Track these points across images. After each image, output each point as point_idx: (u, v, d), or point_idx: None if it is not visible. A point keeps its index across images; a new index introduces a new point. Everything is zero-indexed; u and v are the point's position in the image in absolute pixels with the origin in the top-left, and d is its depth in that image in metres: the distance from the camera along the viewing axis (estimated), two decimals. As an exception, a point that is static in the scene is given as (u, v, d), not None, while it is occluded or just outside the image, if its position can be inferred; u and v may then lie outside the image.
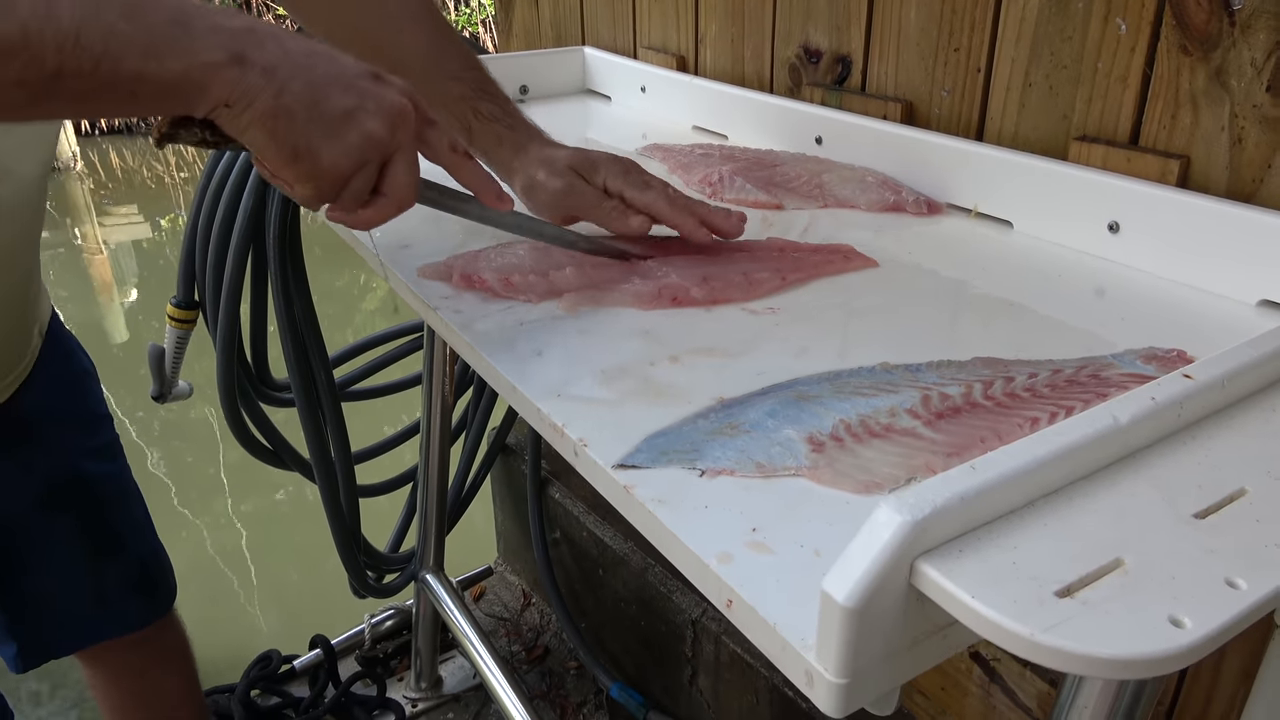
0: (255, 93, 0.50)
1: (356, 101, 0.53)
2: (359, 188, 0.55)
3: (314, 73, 0.52)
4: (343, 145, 0.53)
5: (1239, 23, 0.64)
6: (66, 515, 0.94)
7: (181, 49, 0.48)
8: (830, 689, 0.34)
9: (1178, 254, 0.67)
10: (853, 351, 0.58)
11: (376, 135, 0.54)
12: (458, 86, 0.77)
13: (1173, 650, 0.29)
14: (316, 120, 0.52)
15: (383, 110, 0.54)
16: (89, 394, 0.98)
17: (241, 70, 0.49)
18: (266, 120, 0.50)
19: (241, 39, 0.50)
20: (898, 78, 0.91)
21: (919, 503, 0.32)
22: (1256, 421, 0.42)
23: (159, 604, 1.07)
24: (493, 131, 0.77)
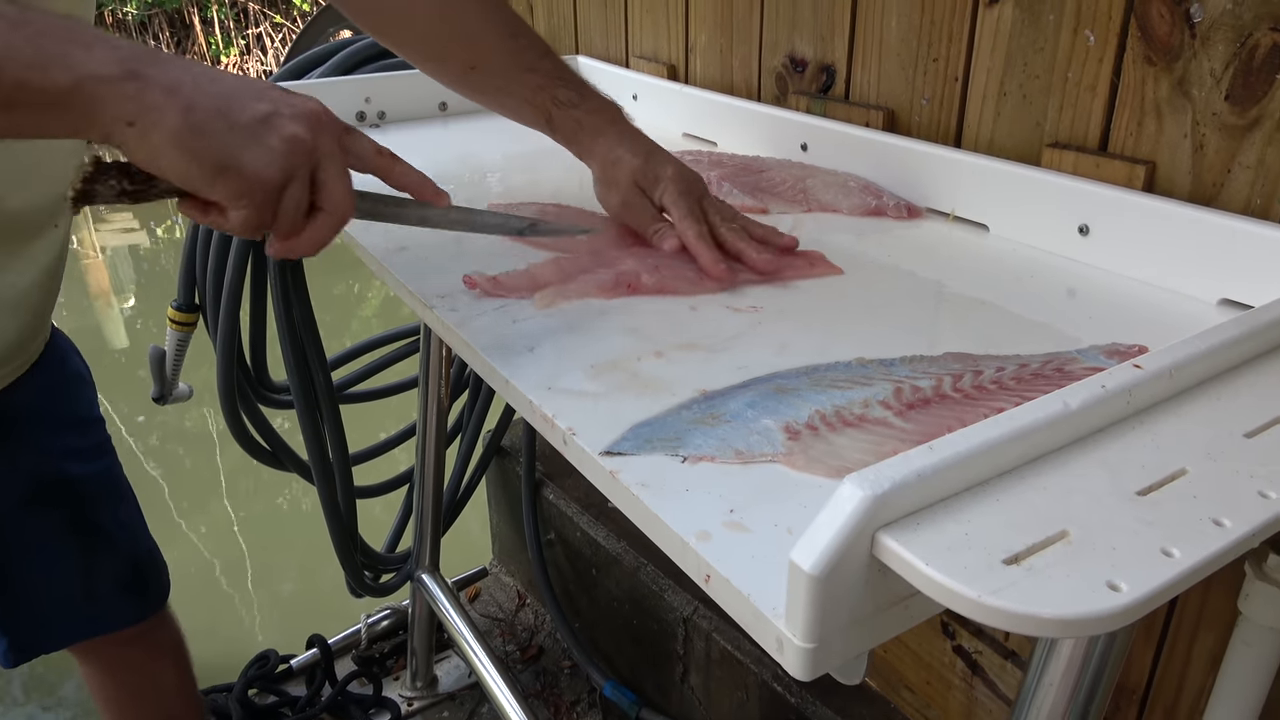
0: (161, 110, 0.48)
1: (270, 107, 0.52)
2: (294, 202, 0.53)
3: (220, 87, 0.51)
4: (265, 152, 0.51)
5: (1199, 35, 0.67)
6: (54, 513, 0.95)
7: (71, 61, 0.47)
8: (798, 653, 0.36)
9: (1144, 255, 0.70)
10: (831, 347, 0.61)
11: (298, 137, 0.52)
12: (534, 77, 0.78)
13: (1108, 611, 0.32)
14: (233, 130, 0.50)
15: (299, 114, 0.53)
16: (80, 398, 0.99)
17: (139, 86, 0.48)
18: (181, 138, 0.49)
19: (139, 58, 0.49)
20: (879, 86, 0.94)
21: (879, 479, 0.35)
22: (1202, 409, 0.44)
23: (151, 602, 1.08)
24: (572, 118, 0.79)
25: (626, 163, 0.76)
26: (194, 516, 2.54)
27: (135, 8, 8.14)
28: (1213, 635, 0.78)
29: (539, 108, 0.79)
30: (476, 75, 0.80)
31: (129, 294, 4.37)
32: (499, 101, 0.82)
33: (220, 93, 0.50)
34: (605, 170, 0.77)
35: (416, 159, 1.07)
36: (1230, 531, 0.36)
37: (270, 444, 1.49)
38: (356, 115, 1.17)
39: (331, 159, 0.54)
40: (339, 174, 0.55)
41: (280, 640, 1.66)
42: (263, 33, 7.69)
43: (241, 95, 0.51)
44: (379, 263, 0.76)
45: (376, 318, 3.98)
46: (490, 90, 0.81)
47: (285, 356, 1.36)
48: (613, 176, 0.77)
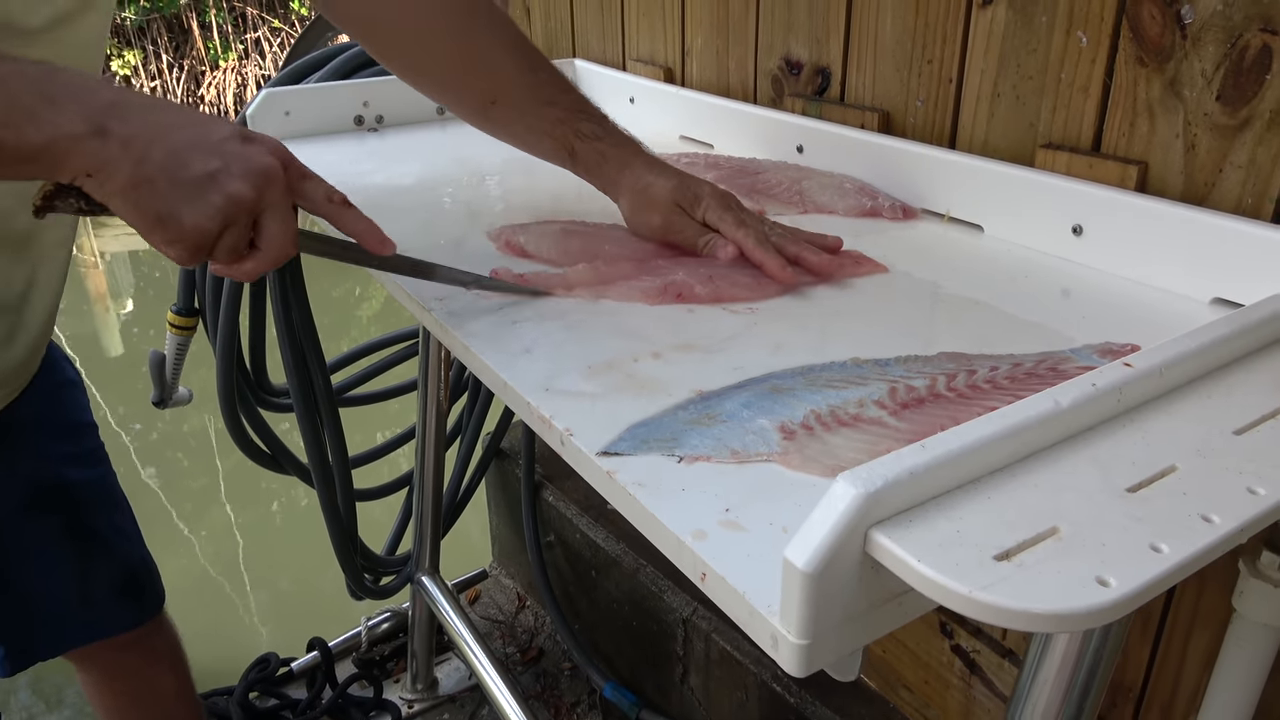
0: (115, 164, 0.52)
1: (219, 164, 0.55)
2: (230, 245, 0.56)
3: (176, 140, 0.54)
4: (205, 208, 0.54)
5: (1190, 36, 0.68)
6: (50, 519, 0.96)
7: (43, 120, 0.50)
8: (793, 650, 0.37)
9: (1137, 255, 0.70)
10: (826, 347, 0.61)
11: (239, 196, 0.55)
12: (555, 111, 0.79)
13: (1098, 606, 0.33)
14: (178, 187, 0.53)
15: (248, 171, 0.55)
16: (73, 403, 1.00)
17: (102, 142, 0.51)
18: (128, 191, 0.52)
19: (105, 112, 0.52)
20: (875, 88, 0.95)
21: (872, 477, 0.36)
22: (1193, 406, 0.45)
23: (146, 608, 1.08)
24: (596, 150, 0.79)
25: (660, 186, 0.76)
26: (194, 520, 2.54)
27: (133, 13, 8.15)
28: (1208, 633, 0.79)
29: (560, 141, 0.79)
30: (497, 109, 0.80)
31: (128, 299, 4.37)
32: (519, 135, 0.82)
33: (174, 148, 0.53)
34: (637, 198, 0.77)
35: (415, 163, 1.08)
36: (1219, 527, 0.36)
37: (270, 447, 1.50)
38: (355, 119, 1.17)
39: (274, 209, 0.57)
40: (279, 220, 0.57)
41: (281, 643, 1.67)
42: (261, 37, 7.70)
43: (194, 150, 0.54)
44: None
45: (376, 320, 3.98)
46: (510, 124, 0.81)
47: (285, 360, 1.37)
48: (648, 200, 0.76)
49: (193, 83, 8.83)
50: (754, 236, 0.72)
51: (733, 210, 0.75)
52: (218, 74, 8.85)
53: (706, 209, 0.75)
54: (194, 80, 8.83)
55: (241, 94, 8.96)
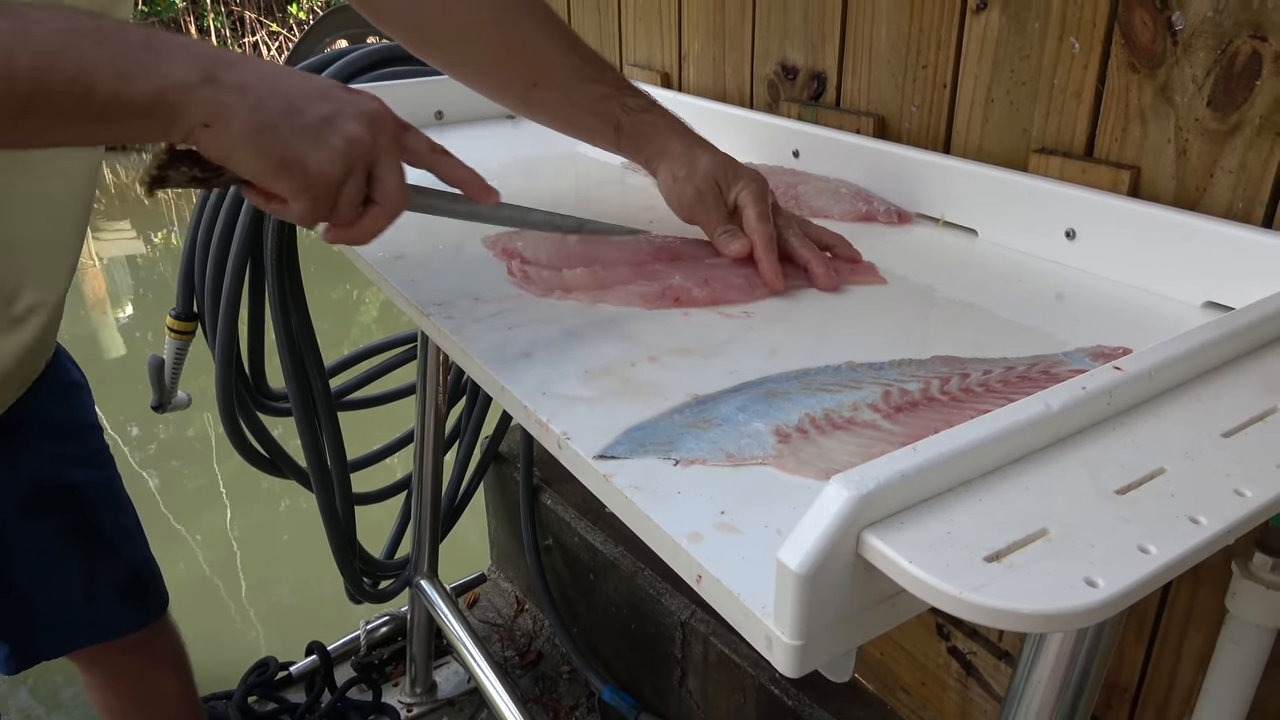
0: (233, 110, 0.51)
1: (334, 108, 0.55)
2: (351, 196, 0.56)
3: (287, 87, 0.54)
4: (328, 149, 0.54)
5: (1181, 42, 0.68)
6: (55, 518, 0.97)
7: (153, 71, 0.50)
8: (787, 650, 0.37)
9: (1129, 259, 0.71)
10: (821, 351, 0.62)
11: (359, 137, 0.55)
12: (599, 88, 0.79)
13: (1085, 606, 0.33)
14: (298, 129, 0.53)
15: (360, 113, 0.55)
16: (78, 405, 1.00)
17: (215, 89, 0.51)
18: (250, 136, 0.52)
19: (213, 62, 0.52)
20: (870, 93, 0.95)
21: (864, 479, 0.36)
22: (1182, 409, 0.45)
23: (150, 610, 1.09)
24: (643, 122, 0.79)
25: (705, 160, 0.76)
26: (193, 524, 2.54)
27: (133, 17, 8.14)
28: (1202, 634, 0.79)
29: (605, 117, 0.79)
30: (539, 92, 0.80)
31: (126, 303, 4.37)
32: (562, 115, 0.82)
33: (287, 92, 0.53)
34: (681, 166, 0.77)
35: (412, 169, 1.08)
36: (1206, 529, 0.37)
37: (269, 451, 1.50)
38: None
39: (388, 156, 0.57)
40: (394, 170, 0.58)
41: (280, 647, 1.67)
42: (259, 41, 7.71)
43: (306, 95, 0.54)
44: (376, 271, 0.77)
45: (375, 324, 3.99)
46: (554, 105, 0.81)
47: (283, 364, 1.37)
48: (690, 171, 0.76)
49: (191, 87, 8.83)
50: (766, 236, 0.72)
51: (763, 202, 0.74)
52: (216, 78, 8.85)
53: (742, 190, 0.74)
54: (192, 84, 8.83)
55: (240, 98, 8.95)
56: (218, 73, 0.51)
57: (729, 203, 0.75)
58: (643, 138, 0.79)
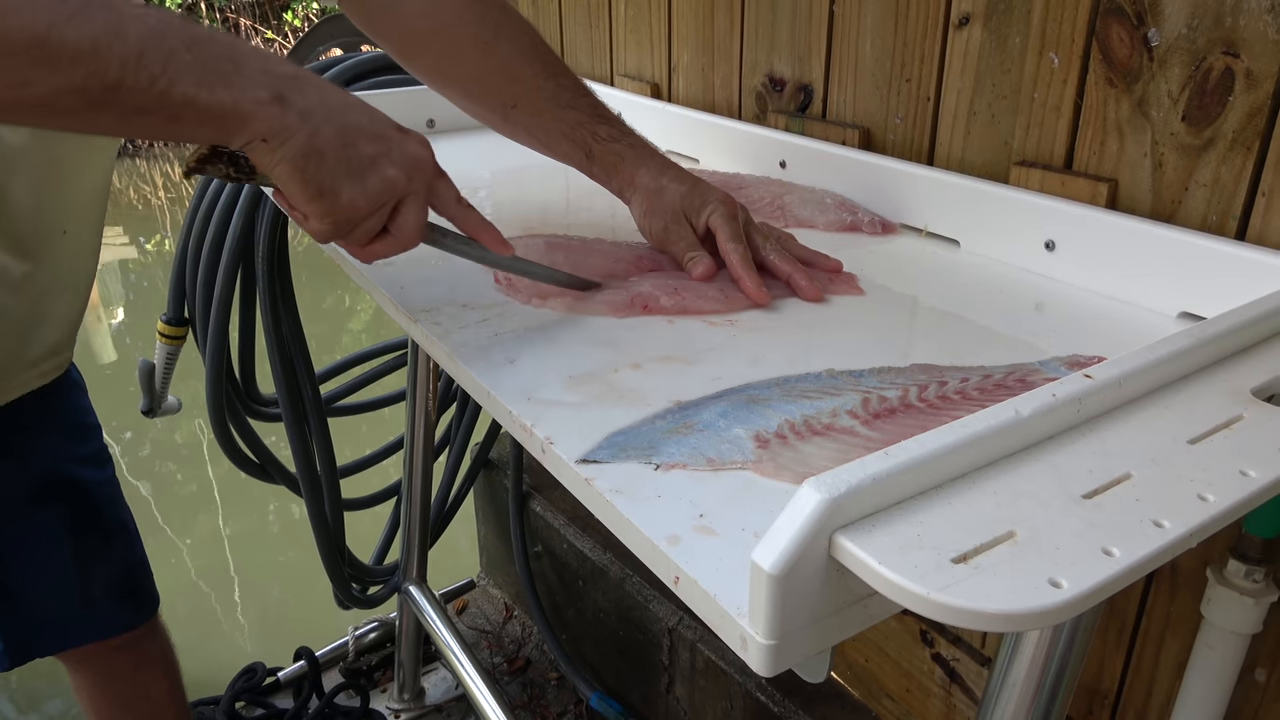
0: (291, 132, 0.55)
1: (382, 149, 0.58)
2: (370, 228, 0.60)
3: (346, 120, 0.57)
4: (363, 188, 0.58)
5: (1157, 58, 0.70)
6: (55, 514, 0.98)
7: (233, 83, 0.53)
8: (761, 650, 0.38)
9: (1107, 270, 0.72)
10: (803, 359, 0.63)
11: (395, 181, 0.59)
12: (574, 114, 0.81)
13: (1049, 606, 0.34)
14: (343, 163, 0.57)
15: (404, 159, 0.59)
16: (81, 404, 1.02)
17: (282, 109, 0.54)
18: (298, 159, 0.55)
19: (287, 82, 0.55)
20: (855, 106, 0.97)
21: (836, 483, 0.37)
22: (1150, 417, 0.46)
23: (143, 609, 1.10)
24: (612, 152, 0.81)
25: (672, 190, 0.78)
26: (182, 529, 2.54)
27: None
28: (1179, 641, 0.80)
29: (579, 144, 0.81)
30: (517, 113, 0.83)
31: (118, 308, 4.36)
32: (538, 138, 0.84)
33: (343, 127, 0.57)
34: (649, 199, 0.79)
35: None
36: (1169, 532, 0.38)
37: (259, 457, 1.50)
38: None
39: (415, 198, 0.61)
40: (416, 212, 0.61)
41: (268, 653, 1.67)
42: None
43: (361, 131, 0.58)
44: (365, 277, 0.78)
45: (366, 331, 3.99)
46: (531, 128, 0.84)
47: (274, 370, 1.38)
48: (658, 204, 0.78)
49: (185, 93, 8.84)
50: (739, 253, 0.73)
51: (733, 223, 0.76)
52: (210, 84, 8.85)
53: (712, 214, 0.76)
54: (186, 90, 8.84)
55: (234, 104, 8.96)
56: (288, 94, 0.55)
57: (700, 228, 0.77)
58: (612, 168, 0.81)
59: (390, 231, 0.61)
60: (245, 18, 7.65)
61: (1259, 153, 0.66)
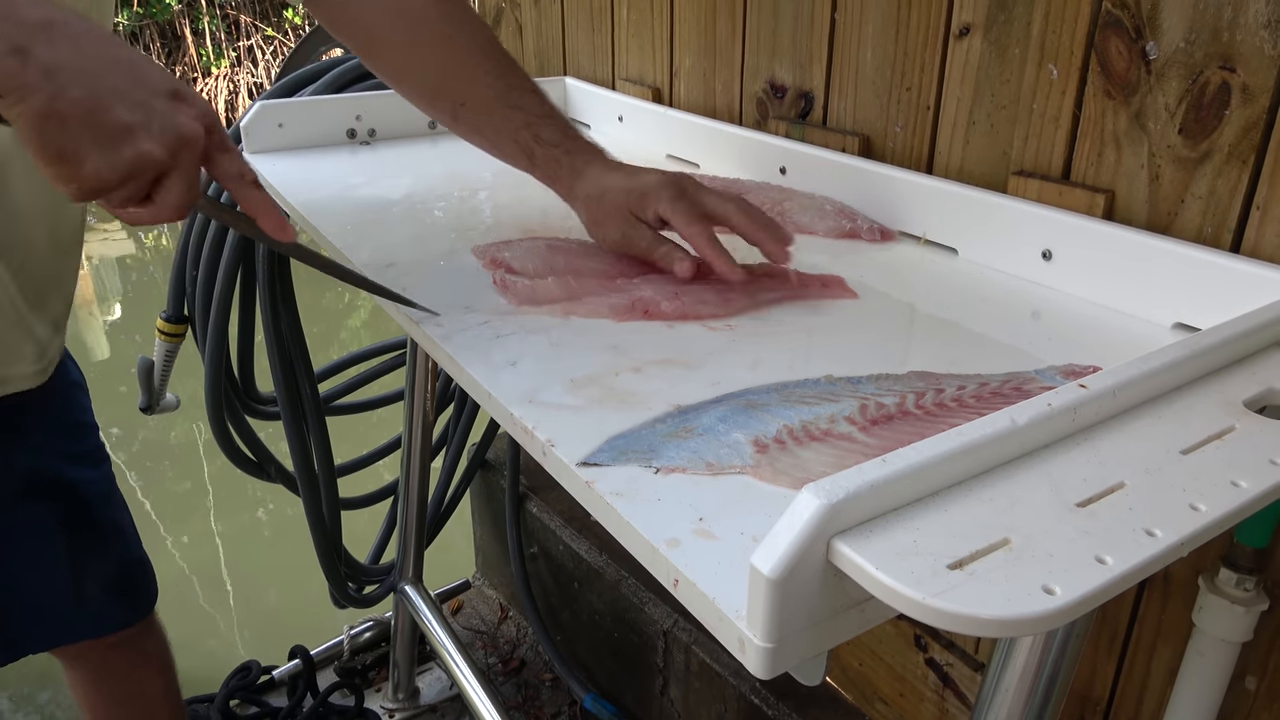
0: (30, 90, 0.49)
1: (141, 118, 0.52)
2: (125, 195, 0.54)
3: (102, 81, 0.51)
4: (112, 158, 0.52)
5: (1154, 71, 0.71)
6: (47, 510, 0.97)
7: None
8: (759, 652, 0.38)
9: (1103, 280, 0.73)
10: (802, 365, 0.63)
11: (149, 156, 0.53)
12: (520, 115, 0.80)
13: (1042, 612, 0.35)
14: (90, 129, 0.51)
15: (166, 132, 0.53)
16: (78, 403, 1.02)
17: (22, 63, 0.49)
18: (36, 119, 0.50)
19: (33, 33, 0.49)
20: (856, 113, 0.97)
21: (834, 489, 0.38)
22: (1143, 426, 0.47)
23: (139, 608, 1.09)
24: (552, 157, 0.80)
25: (613, 192, 0.76)
26: (178, 526, 2.54)
27: (126, 19, 8.15)
28: (1170, 648, 0.81)
29: (522, 145, 0.81)
30: (465, 111, 0.82)
31: (115, 304, 4.36)
32: (485, 137, 0.84)
33: (96, 89, 0.51)
34: (593, 208, 0.78)
35: (406, 176, 1.09)
36: (1161, 541, 0.38)
37: (256, 455, 1.51)
38: (347, 132, 1.19)
39: (179, 173, 0.55)
40: (179, 189, 0.55)
41: (262, 651, 1.67)
42: (254, 45, 7.71)
43: (119, 97, 0.52)
44: (367, 278, 0.78)
45: (365, 329, 3.99)
46: (477, 126, 0.83)
47: (273, 368, 1.38)
48: (603, 212, 0.77)
49: (184, 89, 8.83)
50: (704, 235, 0.72)
51: (685, 199, 0.74)
52: (210, 81, 8.85)
53: (658, 202, 0.74)
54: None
55: (233, 101, 8.96)
56: (32, 47, 0.49)
57: (652, 221, 0.75)
58: (553, 174, 0.81)
59: (153, 199, 0.56)
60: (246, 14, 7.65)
61: (1254, 166, 0.67)
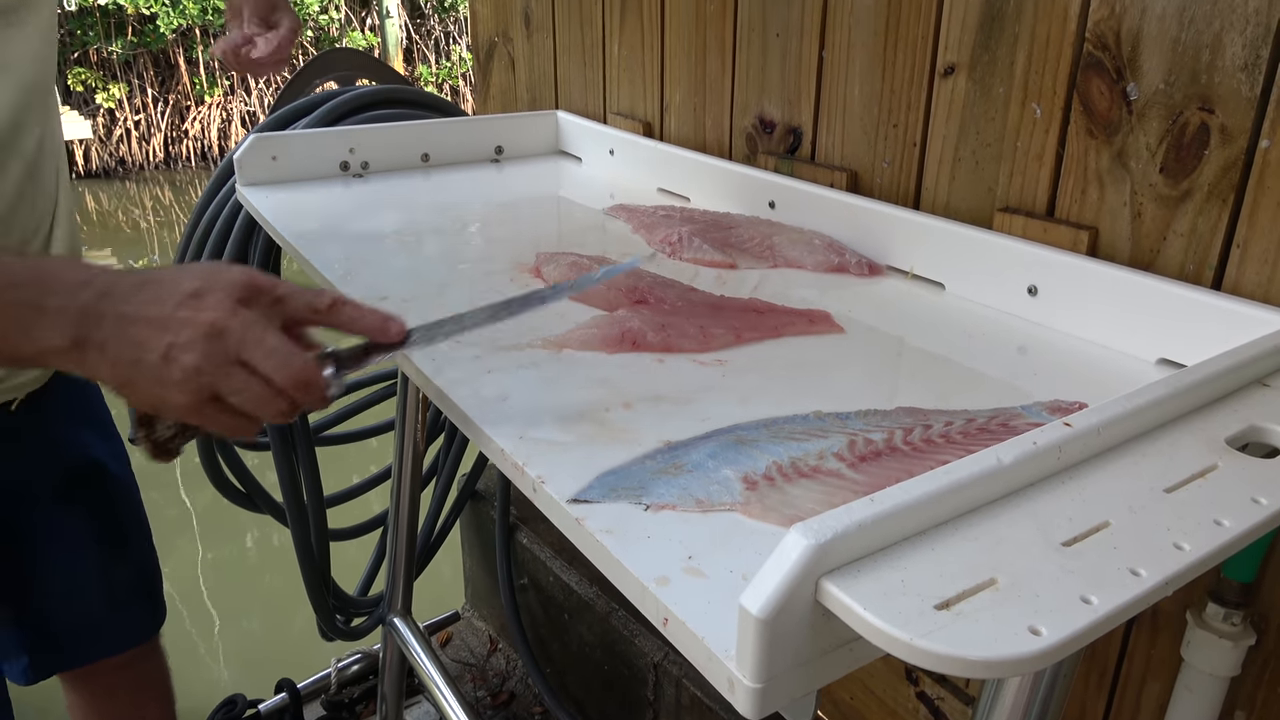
0: (96, 369, 0.56)
1: (171, 338, 0.55)
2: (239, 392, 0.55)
3: (134, 325, 0.55)
4: (174, 387, 0.55)
5: (1135, 111, 0.72)
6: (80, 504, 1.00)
7: (33, 334, 0.55)
8: (748, 693, 0.38)
9: (1088, 315, 0.74)
10: (790, 400, 0.64)
11: (193, 366, 0.54)
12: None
13: (1029, 653, 0.35)
14: (146, 375, 0.55)
15: (196, 338, 0.55)
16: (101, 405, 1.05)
17: (81, 354, 0.55)
18: (120, 389, 0.57)
19: (83, 319, 0.55)
20: (843, 149, 0.99)
21: (822, 529, 0.38)
22: (1128, 464, 0.48)
23: (156, 618, 1.12)
24: None
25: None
26: (164, 556, 2.51)
27: (120, 47, 8.20)
28: (1159, 683, 0.81)
29: None
30: None
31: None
32: None
33: (135, 337, 0.55)
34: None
35: (398, 209, 1.10)
36: (1145, 580, 0.39)
37: (245, 486, 1.50)
38: (340, 165, 1.20)
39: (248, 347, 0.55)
40: (265, 352, 0.56)
41: (249, 684, 1.65)
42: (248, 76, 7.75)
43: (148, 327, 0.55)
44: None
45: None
46: None
47: (263, 399, 1.37)
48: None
49: (177, 117, 8.87)
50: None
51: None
52: (203, 109, 8.89)
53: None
54: (179, 114, 8.87)
55: (226, 129, 9.00)
56: (87, 334, 0.55)
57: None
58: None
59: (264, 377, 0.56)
60: (240, 44, 7.69)
61: (1234, 205, 0.68)
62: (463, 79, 9.42)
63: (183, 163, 8.87)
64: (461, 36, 9.45)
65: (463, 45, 9.44)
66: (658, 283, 0.82)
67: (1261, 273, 0.68)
